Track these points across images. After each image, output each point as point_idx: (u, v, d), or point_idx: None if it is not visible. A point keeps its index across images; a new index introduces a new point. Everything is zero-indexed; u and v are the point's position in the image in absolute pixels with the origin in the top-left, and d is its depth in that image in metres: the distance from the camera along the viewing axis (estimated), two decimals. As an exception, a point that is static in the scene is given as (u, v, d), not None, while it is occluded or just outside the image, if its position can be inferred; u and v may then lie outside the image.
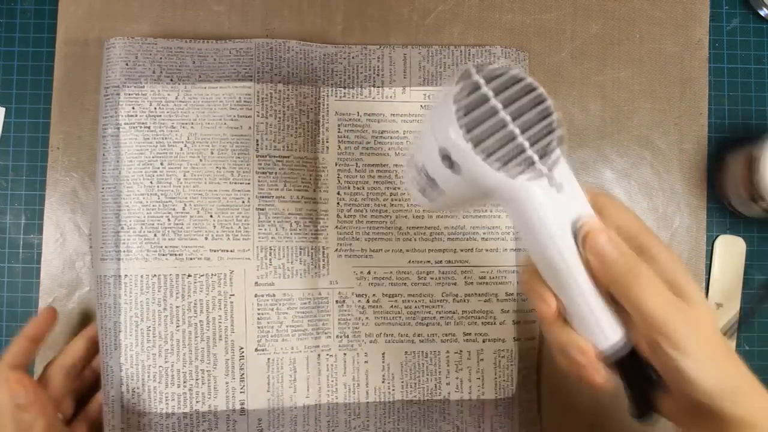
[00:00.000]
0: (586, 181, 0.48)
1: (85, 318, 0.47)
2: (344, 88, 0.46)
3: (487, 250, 0.46)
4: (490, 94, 0.28)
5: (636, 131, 0.49)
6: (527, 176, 0.28)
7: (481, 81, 0.28)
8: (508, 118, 0.28)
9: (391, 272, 0.46)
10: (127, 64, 0.45)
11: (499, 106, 0.28)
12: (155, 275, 0.44)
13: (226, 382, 0.44)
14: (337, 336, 0.45)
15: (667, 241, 0.48)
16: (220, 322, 0.44)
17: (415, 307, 0.46)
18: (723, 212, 0.49)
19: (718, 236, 0.49)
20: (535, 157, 0.28)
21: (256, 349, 0.44)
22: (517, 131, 0.28)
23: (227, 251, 0.44)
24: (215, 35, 0.48)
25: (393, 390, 0.46)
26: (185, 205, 0.44)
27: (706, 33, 0.49)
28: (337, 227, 0.46)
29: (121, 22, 0.48)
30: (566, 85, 0.49)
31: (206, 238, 0.44)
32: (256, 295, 0.44)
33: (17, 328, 0.47)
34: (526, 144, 0.28)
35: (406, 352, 0.46)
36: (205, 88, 0.45)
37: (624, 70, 0.49)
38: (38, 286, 0.47)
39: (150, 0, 0.48)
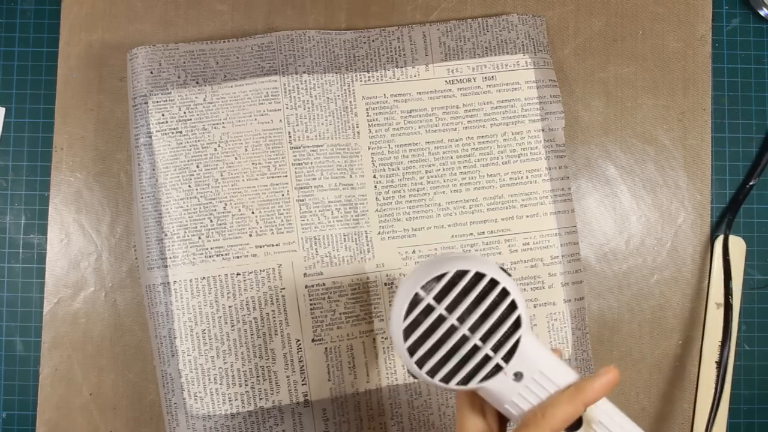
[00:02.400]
0: (591, 178, 0.49)
1: (91, 319, 0.47)
2: (368, 71, 0.47)
3: (527, 216, 0.46)
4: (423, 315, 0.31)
5: (640, 127, 0.49)
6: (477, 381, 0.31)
7: (420, 292, 0.31)
8: (439, 336, 0.30)
9: (435, 249, 0.46)
10: (151, 72, 0.45)
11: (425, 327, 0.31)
12: (204, 278, 0.44)
13: (287, 376, 0.44)
14: (389, 318, 0.45)
15: (671, 237, 0.49)
16: (274, 317, 0.44)
17: (464, 280, 0.46)
18: (723, 212, 0.49)
19: (718, 236, 0.48)
20: (464, 375, 0.30)
21: (313, 340, 0.44)
22: (448, 348, 0.30)
23: (273, 246, 0.44)
24: (218, 35, 0.48)
25: (451, 365, 0.46)
26: (225, 204, 0.44)
27: (709, 29, 0.49)
28: (377, 210, 0.46)
29: (124, 22, 0.48)
30: (570, 82, 0.49)
31: (250, 235, 0.44)
32: (306, 286, 0.44)
33: (17, 328, 0.47)
34: (456, 363, 0.30)
35: (459, 326, 0.46)
36: (232, 86, 0.45)
37: (627, 66, 0.49)
38: (38, 286, 0.47)
39: (153, 0, 0.48)
